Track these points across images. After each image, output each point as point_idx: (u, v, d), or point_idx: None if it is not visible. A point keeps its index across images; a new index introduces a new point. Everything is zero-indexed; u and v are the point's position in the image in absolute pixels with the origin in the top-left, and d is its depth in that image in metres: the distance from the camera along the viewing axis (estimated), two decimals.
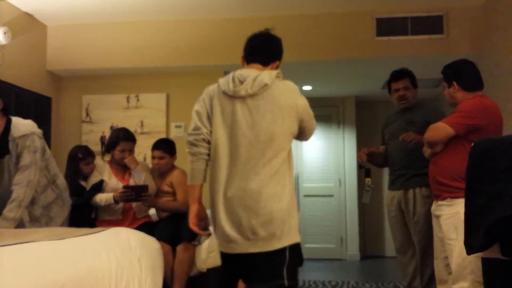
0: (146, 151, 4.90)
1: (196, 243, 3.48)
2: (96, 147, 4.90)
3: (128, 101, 5.22)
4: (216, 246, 2.37)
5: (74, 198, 3.49)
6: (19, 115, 3.18)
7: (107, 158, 3.82)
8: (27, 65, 4.77)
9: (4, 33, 4.27)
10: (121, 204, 3.53)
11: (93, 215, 3.60)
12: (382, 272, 5.82)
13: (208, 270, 3.55)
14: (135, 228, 3.05)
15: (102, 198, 3.47)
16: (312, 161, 6.65)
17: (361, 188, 5.87)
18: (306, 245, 6.30)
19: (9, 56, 4.44)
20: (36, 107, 4.78)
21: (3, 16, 4.39)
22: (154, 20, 4.97)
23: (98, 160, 3.89)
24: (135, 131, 4.90)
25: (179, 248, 3.40)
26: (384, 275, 5.50)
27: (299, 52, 4.63)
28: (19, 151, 2.91)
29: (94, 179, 3.58)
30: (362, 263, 6.28)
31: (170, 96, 5.19)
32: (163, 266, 2.89)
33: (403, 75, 3.44)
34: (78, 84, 5.33)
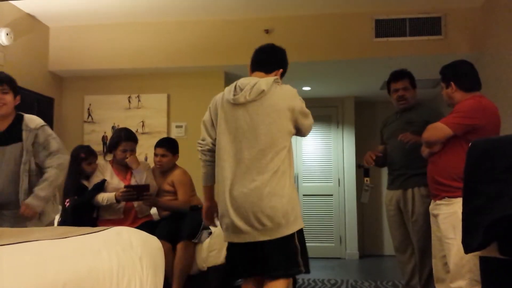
0: (147, 151, 4.93)
1: (196, 241, 3.51)
2: (98, 147, 4.94)
3: (129, 101, 5.24)
4: (223, 238, 2.48)
5: (76, 197, 3.52)
6: None
7: (109, 158, 3.85)
8: (29, 65, 4.79)
9: (7, 34, 4.30)
10: (122, 204, 3.55)
11: (94, 215, 3.62)
12: (381, 271, 5.83)
13: (209, 268, 3.57)
14: (137, 227, 3.05)
15: (104, 197, 3.50)
16: (312, 161, 6.67)
17: (360, 187, 5.88)
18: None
19: (11, 57, 4.46)
20: (38, 108, 4.79)
21: (5, 17, 4.41)
22: (155, 22, 5.00)
23: (100, 160, 3.91)
24: (137, 131, 4.92)
25: (179, 246, 3.43)
26: (383, 274, 5.52)
27: (299, 52, 4.64)
28: (42, 140, 2.97)
29: (96, 179, 3.61)
30: (361, 262, 6.29)
31: (171, 96, 5.20)
32: (164, 265, 2.90)
33: (402, 75, 3.47)
34: (80, 85, 5.36)
